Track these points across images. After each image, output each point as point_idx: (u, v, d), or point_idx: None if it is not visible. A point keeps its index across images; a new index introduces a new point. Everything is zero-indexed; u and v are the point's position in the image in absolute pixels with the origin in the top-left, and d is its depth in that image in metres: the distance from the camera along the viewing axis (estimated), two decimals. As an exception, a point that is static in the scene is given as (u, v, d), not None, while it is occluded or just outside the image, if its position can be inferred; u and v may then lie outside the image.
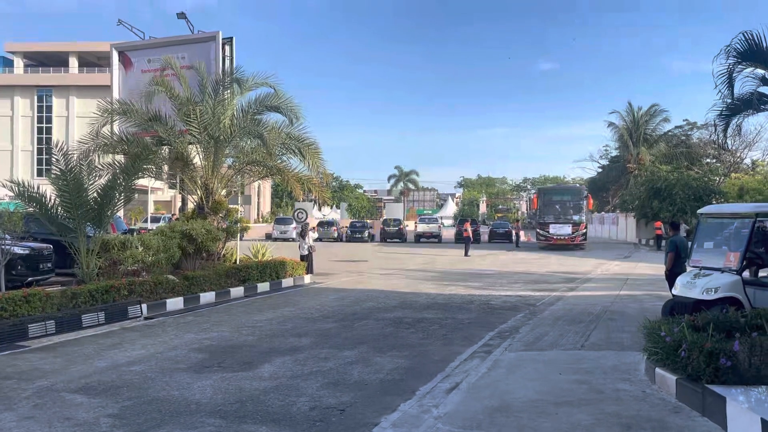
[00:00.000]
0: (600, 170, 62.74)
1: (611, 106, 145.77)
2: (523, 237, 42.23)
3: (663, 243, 29.61)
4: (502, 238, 43.36)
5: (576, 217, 34.90)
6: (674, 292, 8.97)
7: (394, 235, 44.19)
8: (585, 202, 35.62)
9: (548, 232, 34.77)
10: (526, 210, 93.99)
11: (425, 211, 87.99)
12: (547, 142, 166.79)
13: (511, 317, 11.29)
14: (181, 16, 22.82)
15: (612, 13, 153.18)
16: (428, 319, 11.10)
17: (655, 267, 20.68)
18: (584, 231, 34.91)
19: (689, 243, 10.18)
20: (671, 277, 9.94)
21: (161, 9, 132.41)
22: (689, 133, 52.07)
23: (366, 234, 44.15)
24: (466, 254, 28.76)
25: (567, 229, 34.32)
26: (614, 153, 59.17)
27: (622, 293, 14.73)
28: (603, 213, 58.35)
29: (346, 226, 47.24)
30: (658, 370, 6.32)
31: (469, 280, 18.16)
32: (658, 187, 35.90)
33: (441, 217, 62.68)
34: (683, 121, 53.48)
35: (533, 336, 9.39)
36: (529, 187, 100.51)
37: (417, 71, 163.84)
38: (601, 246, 38.50)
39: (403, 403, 5.98)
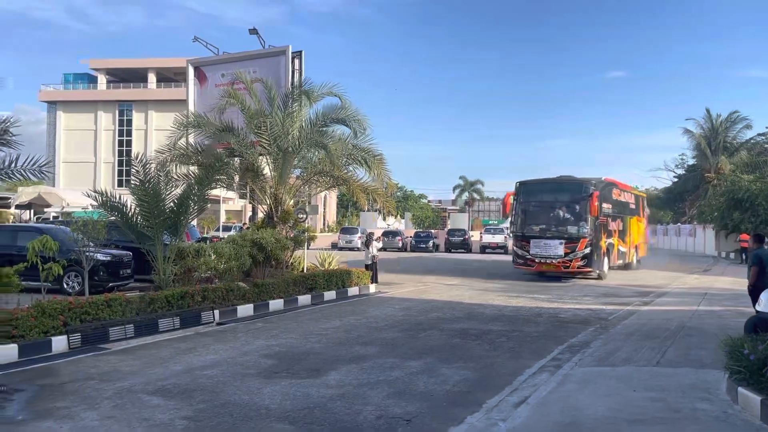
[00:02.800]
0: (676, 180, 60.26)
1: (685, 114, 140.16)
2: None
3: (746, 256, 28.09)
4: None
5: (573, 229, 20.86)
6: (758, 308, 8.47)
7: (458, 246, 43.86)
8: (588, 203, 20.72)
9: (528, 251, 21.27)
10: None
11: (490, 222, 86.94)
12: (619, 151, 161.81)
13: (582, 331, 10.98)
14: (253, 32, 23.54)
15: (684, 19, 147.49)
16: (495, 331, 10.94)
17: (736, 281, 19.64)
18: (586, 251, 20.59)
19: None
20: (755, 292, 9.39)
21: (234, 26, 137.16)
22: (772, 140, 49.32)
23: (430, 244, 43.98)
24: None
25: (557, 248, 20.72)
26: (691, 162, 56.76)
27: (700, 308, 14.05)
28: (679, 224, 55.95)
29: (411, 236, 47.23)
30: (741, 389, 5.99)
31: (536, 291, 17.79)
32: (739, 197, 34.08)
33: (506, 228, 61.80)
34: (766, 128, 50.78)
35: (605, 351, 9.10)
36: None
37: (484, 81, 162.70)
38: (678, 259, 36.74)
39: (470, 416, 5.91)
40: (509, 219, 24.01)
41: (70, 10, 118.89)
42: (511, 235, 26.01)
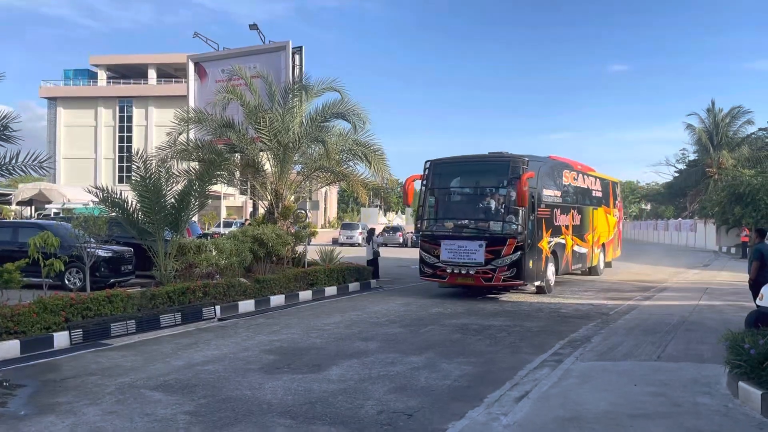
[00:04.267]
0: (677, 175, 60.24)
1: (688, 108, 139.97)
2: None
3: (748, 251, 28.07)
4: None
5: (497, 226, 14.71)
6: (759, 302, 8.48)
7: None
8: (517, 190, 14.24)
9: (438, 256, 15.03)
10: None
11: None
12: (620, 145, 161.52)
13: (583, 326, 10.99)
14: (253, 27, 23.54)
15: (685, 12, 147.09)
16: (495, 326, 10.95)
17: (737, 276, 19.65)
18: (515, 256, 14.23)
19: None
20: (755, 286, 9.40)
21: (235, 21, 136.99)
22: (774, 135, 49.24)
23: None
24: None
25: (476, 253, 14.49)
26: (692, 156, 56.72)
27: (701, 303, 14.06)
28: (680, 219, 55.94)
29: (412, 232, 47.22)
30: (741, 384, 6.00)
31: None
32: (740, 192, 34.06)
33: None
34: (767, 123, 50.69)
35: (606, 346, 9.10)
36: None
37: (482, 75, 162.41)
38: (679, 253, 36.74)
39: (471, 410, 5.92)
40: (415, 212, 17.03)
41: (80, 6, 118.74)
42: (416, 234, 18.82)
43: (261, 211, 18.75)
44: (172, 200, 13.14)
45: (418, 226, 15.88)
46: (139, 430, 5.40)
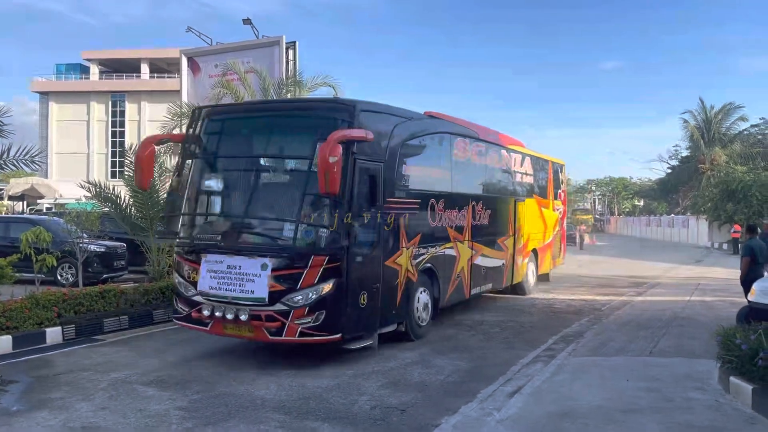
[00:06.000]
0: (669, 171, 60.46)
1: (681, 104, 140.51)
2: (587, 240, 41.18)
3: (739, 247, 28.23)
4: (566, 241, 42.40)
5: (291, 231, 7.36)
6: (750, 298, 8.55)
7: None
8: (343, 160, 7.01)
9: (195, 283, 7.70)
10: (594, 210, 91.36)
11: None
12: (612, 142, 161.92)
13: (576, 321, 11.03)
14: (247, 22, 23.37)
15: (678, 9, 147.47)
16: (489, 321, 10.98)
17: (729, 272, 19.76)
18: (331, 287, 7.19)
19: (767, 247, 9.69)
20: (747, 282, 9.47)
21: (228, 16, 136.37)
22: (766, 132, 49.48)
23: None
24: None
25: (255, 280, 7.27)
26: (685, 153, 56.94)
27: (693, 299, 14.14)
28: (672, 215, 56.21)
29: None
30: (732, 379, 6.04)
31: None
32: (732, 188, 34.26)
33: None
34: (759, 119, 50.85)
35: (598, 341, 9.15)
36: (593, 188, 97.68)
37: (477, 70, 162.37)
38: (671, 249, 36.93)
39: (464, 406, 5.94)
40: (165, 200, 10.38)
41: (73, 0, 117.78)
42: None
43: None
44: (165, 195, 13.07)
45: (163, 228, 9.67)
46: (132, 425, 5.40)
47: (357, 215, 7.55)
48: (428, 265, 9.47)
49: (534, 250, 14.93)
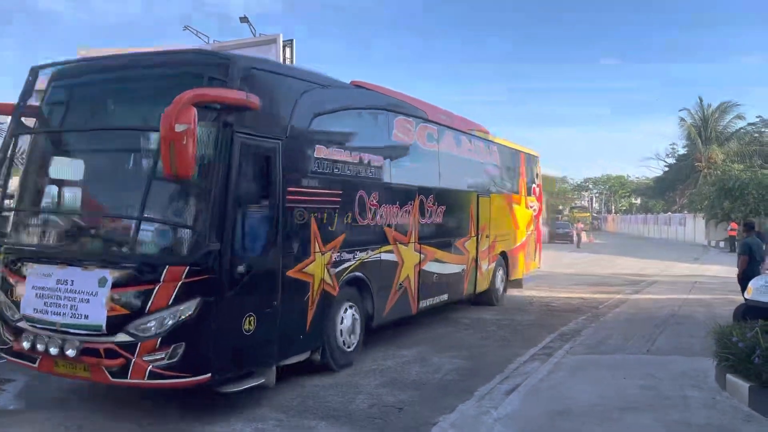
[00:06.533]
0: (667, 169, 60.56)
1: (679, 103, 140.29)
2: (584, 238, 41.25)
3: (736, 245, 28.28)
4: (562, 239, 42.49)
5: (141, 234, 5.41)
6: (747, 296, 8.58)
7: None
8: (207, 132, 5.31)
9: (17, 305, 5.69)
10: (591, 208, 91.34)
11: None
12: (610, 140, 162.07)
13: (573, 319, 11.05)
14: (244, 20, 23.33)
15: (678, 6, 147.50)
16: (486, 319, 10.99)
17: (725, 270, 19.81)
18: (193, 310, 5.20)
19: (764, 245, 9.72)
20: (744, 280, 9.50)
21: (226, 14, 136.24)
22: (763, 130, 49.59)
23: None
24: None
25: (90, 300, 5.31)
26: (682, 151, 57.02)
27: (690, 297, 14.18)
28: (669, 213, 56.32)
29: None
30: (729, 376, 6.06)
31: (529, 280, 17.85)
32: (729, 186, 34.35)
33: None
34: (756, 117, 50.96)
35: (596, 339, 9.16)
36: (590, 186, 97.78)
37: (472, 67, 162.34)
38: (668, 247, 36.99)
39: (462, 404, 5.94)
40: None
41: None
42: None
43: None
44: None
45: None
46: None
47: (236, 209, 5.53)
48: (357, 274, 7.53)
49: (503, 253, 12.83)
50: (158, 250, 5.42)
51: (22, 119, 6.33)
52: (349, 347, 7.38)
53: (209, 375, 5.31)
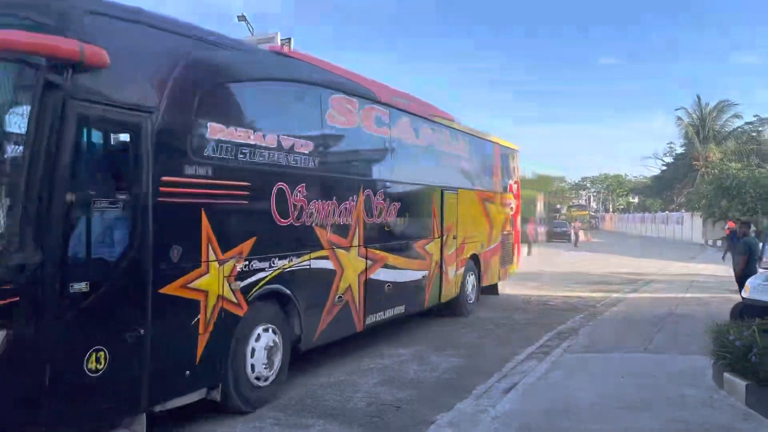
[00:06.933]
0: (664, 168, 60.64)
1: (676, 102, 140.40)
2: (582, 237, 41.30)
3: (734, 242, 28.28)
4: (560, 238, 42.54)
5: None
6: (744, 294, 8.60)
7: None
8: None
9: None
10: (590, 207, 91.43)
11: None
12: (608, 139, 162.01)
13: (570, 318, 11.05)
14: (242, 18, 23.32)
15: (676, 6, 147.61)
16: (483, 318, 10.99)
17: (723, 268, 19.84)
18: None
19: (761, 244, 9.74)
20: (742, 279, 9.53)
21: (224, 13, 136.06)
22: (760, 129, 49.67)
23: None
24: (528, 253, 28.18)
25: None
26: (680, 150, 57.11)
27: (687, 295, 14.20)
28: (667, 212, 56.40)
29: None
30: (726, 375, 6.06)
31: (526, 279, 17.86)
32: (727, 185, 34.37)
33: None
34: (754, 117, 51.05)
35: (593, 338, 9.16)
36: (588, 185, 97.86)
37: (470, 65, 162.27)
38: (666, 246, 37.02)
39: (460, 402, 5.94)
40: None
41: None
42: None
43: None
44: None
45: None
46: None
47: (72, 206, 4.06)
48: (276, 287, 5.98)
49: (474, 257, 11.40)
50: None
51: None
52: (262, 382, 5.80)
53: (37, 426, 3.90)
